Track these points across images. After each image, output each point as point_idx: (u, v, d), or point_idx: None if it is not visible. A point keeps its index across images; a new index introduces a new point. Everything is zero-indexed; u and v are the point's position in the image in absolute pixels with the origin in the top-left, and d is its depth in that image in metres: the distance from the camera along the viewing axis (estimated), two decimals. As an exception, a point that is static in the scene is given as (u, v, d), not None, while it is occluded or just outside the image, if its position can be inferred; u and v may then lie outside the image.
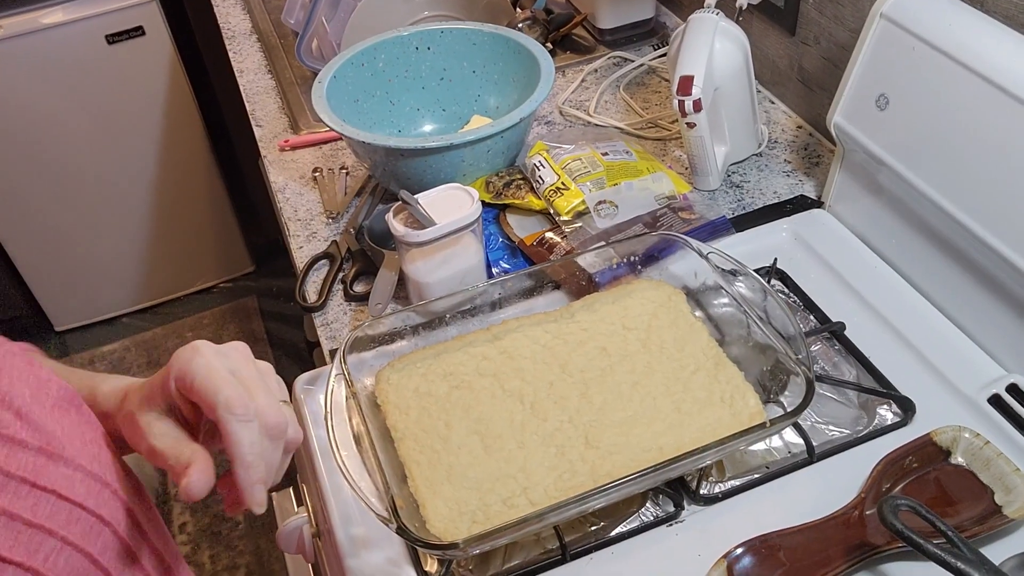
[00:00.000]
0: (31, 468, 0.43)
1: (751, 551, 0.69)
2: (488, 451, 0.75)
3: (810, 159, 1.13)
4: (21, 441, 0.43)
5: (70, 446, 0.46)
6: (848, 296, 0.92)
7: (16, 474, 0.42)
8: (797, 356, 0.76)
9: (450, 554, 0.70)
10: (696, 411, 0.77)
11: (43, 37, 1.94)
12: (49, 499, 0.43)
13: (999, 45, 0.79)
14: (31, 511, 0.42)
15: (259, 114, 1.36)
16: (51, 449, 0.44)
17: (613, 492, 0.69)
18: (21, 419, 0.44)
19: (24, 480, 0.42)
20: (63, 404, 0.48)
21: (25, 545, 0.41)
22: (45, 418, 0.45)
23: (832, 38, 1.08)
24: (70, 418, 0.47)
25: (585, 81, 1.34)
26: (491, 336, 0.85)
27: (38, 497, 0.42)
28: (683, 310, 0.86)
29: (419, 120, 1.20)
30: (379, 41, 1.15)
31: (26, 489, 0.42)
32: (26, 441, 0.43)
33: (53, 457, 0.44)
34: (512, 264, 1.00)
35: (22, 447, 0.43)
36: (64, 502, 0.44)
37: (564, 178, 1.00)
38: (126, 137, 2.16)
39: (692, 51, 0.99)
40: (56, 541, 0.42)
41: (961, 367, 0.83)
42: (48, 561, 0.41)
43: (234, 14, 1.66)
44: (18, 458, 0.42)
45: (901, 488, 0.74)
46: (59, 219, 2.21)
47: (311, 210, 1.14)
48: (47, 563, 0.41)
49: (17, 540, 0.41)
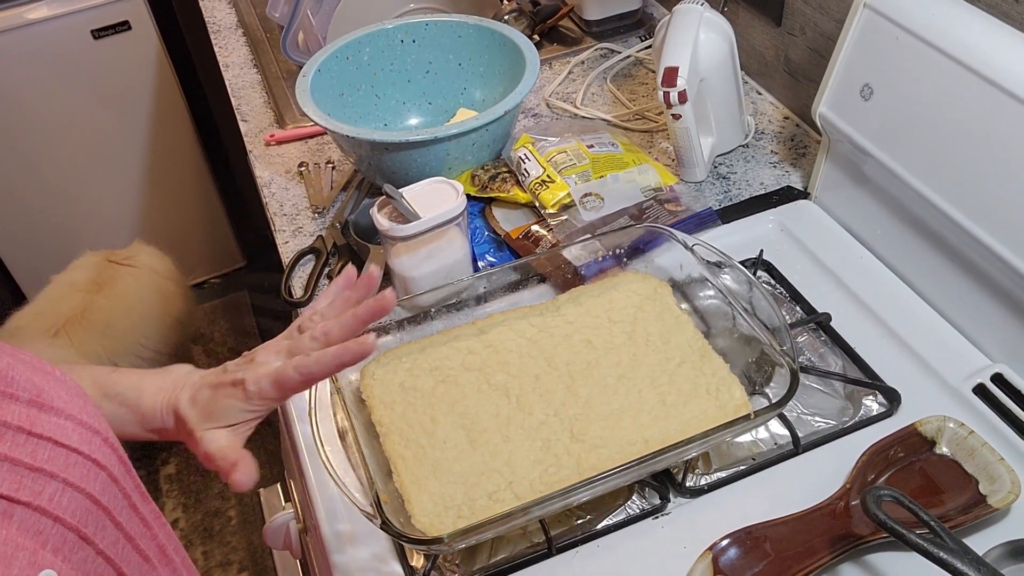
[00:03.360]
0: (26, 418, 0.45)
1: (737, 543, 0.69)
2: (473, 445, 0.75)
3: (797, 150, 1.13)
4: (12, 395, 0.45)
5: (58, 398, 0.48)
6: (834, 287, 0.92)
7: (12, 423, 0.44)
8: (782, 347, 0.76)
9: (435, 549, 0.70)
10: (682, 403, 0.77)
11: (28, 32, 1.92)
12: (46, 445, 0.45)
13: (982, 35, 0.79)
14: (31, 456, 0.44)
15: (245, 109, 1.35)
16: (41, 400, 0.46)
17: (599, 485, 0.69)
18: (10, 374, 0.46)
19: (20, 429, 0.44)
20: (39, 367, 0.50)
21: (30, 487, 0.43)
22: (31, 374, 0.47)
23: (818, 28, 1.08)
24: (50, 377, 0.49)
25: (572, 73, 1.33)
26: (477, 330, 0.85)
27: (36, 444, 0.44)
28: (669, 302, 0.86)
29: (405, 114, 1.20)
30: (364, 34, 1.14)
31: (23, 437, 0.44)
32: (16, 395, 0.45)
33: (44, 408, 0.46)
34: (498, 258, 0.99)
35: (13, 399, 0.45)
36: (61, 448, 0.45)
37: (550, 171, 1.00)
38: (113, 133, 2.15)
39: (677, 42, 0.98)
40: (58, 483, 0.44)
41: (946, 357, 0.83)
42: (53, 501, 0.43)
43: (220, 8, 1.65)
44: (12, 409, 0.45)
45: (886, 478, 0.74)
46: (46, 215, 2.20)
47: (297, 205, 1.14)
48: (52, 502, 0.43)
49: (21, 483, 0.43)
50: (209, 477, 2.08)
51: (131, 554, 0.49)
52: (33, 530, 0.42)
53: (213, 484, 2.06)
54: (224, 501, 2.03)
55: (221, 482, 2.11)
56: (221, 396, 0.61)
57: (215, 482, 2.07)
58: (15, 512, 0.42)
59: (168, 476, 2.08)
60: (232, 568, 1.91)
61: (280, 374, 0.60)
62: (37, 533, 0.42)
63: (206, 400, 0.62)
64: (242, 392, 0.60)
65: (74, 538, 0.44)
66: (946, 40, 0.80)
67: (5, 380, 0.46)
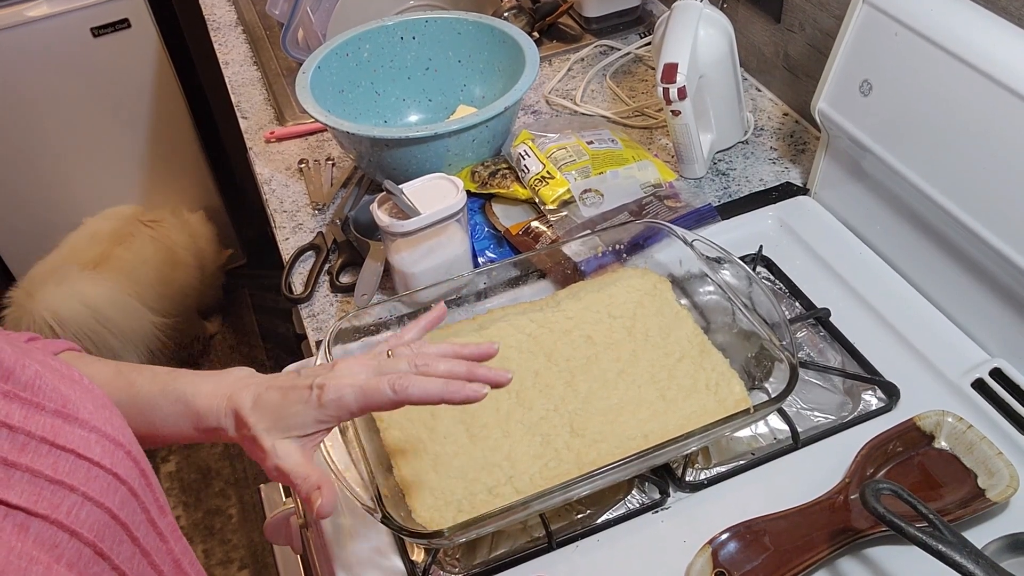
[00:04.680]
0: (50, 429, 0.45)
1: (736, 536, 0.70)
2: (473, 440, 0.75)
3: (796, 146, 1.14)
4: (38, 404, 0.45)
5: (83, 408, 0.48)
6: (833, 282, 0.92)
7: (36, 434, 0.44)
8: (781, 343, 0.76)
9: (436, 543, 0.70)
10: (681, 398, 0.77)
11: (28, 30, 1.92)
12: (68, 457, 0.45)
13: (981, 30, 0.79)
14: (52, 468, 0.44)
15: (245, 106, 1.35)
16: (67, 411, 0.46)
17: (598, 479, 0.69)
18: (36, 385, 0.46)
19: (44, 440, 0.44)
20: (67, 376, 0.50)
21: (49, 500, 0.43)
22: (58, 383, 0.47)
23: (817, 24, 1.08)
24: (77, 387, 0.49)
25: (571, 70, 1.33)
26: (477, 325, 0.85)
27: (58, 456, 0.44)
28: (668, 298, 0.86)
29: (405, 110, 1.20)
30: (364, 31, 1.14)
31: (46, 448, 0.44)
32: (43, 404, 0.46)
33: (69, 419, 0.46)
34: (498, 253, 1.00)
35: (39, 409, 0.45)
36: (83, 460, 0.45)
37: (549, 167, 1.00)
38: (113, 130, 2.15)
39: (676, 39, 0.98)
40: (77, 496, 0.44)
41: (945, 352, 0.83)
42: (71, 514, 0.43)
43: (219, 5, 1.65)
44: (37, 419, 0.45)
45: (885, 473, 0.74)
46: (46, 213, 2.20)
47: (297, 201, 1.14)
48: (70, 516, 0.43)
49: (41, 495, 0.43)
50: (209, 475, 2.08)
51: (146, 569, 0.48)
52: (49, 544, 0.42)
53: (214, 482, 2.07)
54: (224, 499, 2.03)
55: (221, 480, 2.11)
56: (293, 400, 0.59)
57: (215, 480, 2.07)
58: (32, 525, 0.41)
59: (168, 474, 2.09)
60: (233, 566, 1.92)
61: (371, 387, 0.59)
62: (53, 547, 0.42)
63: (275, 404, 0.59)
64: (318, 399, 0.59)
65: (90, 553, 0.44)
66: (945, 36, 0.80)
67: (32, 389, 0.45)
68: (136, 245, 2.03)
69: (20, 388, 0.45)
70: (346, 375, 0.60)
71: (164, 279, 2.06)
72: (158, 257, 2.06)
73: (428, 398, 0.59)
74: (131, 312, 1.95)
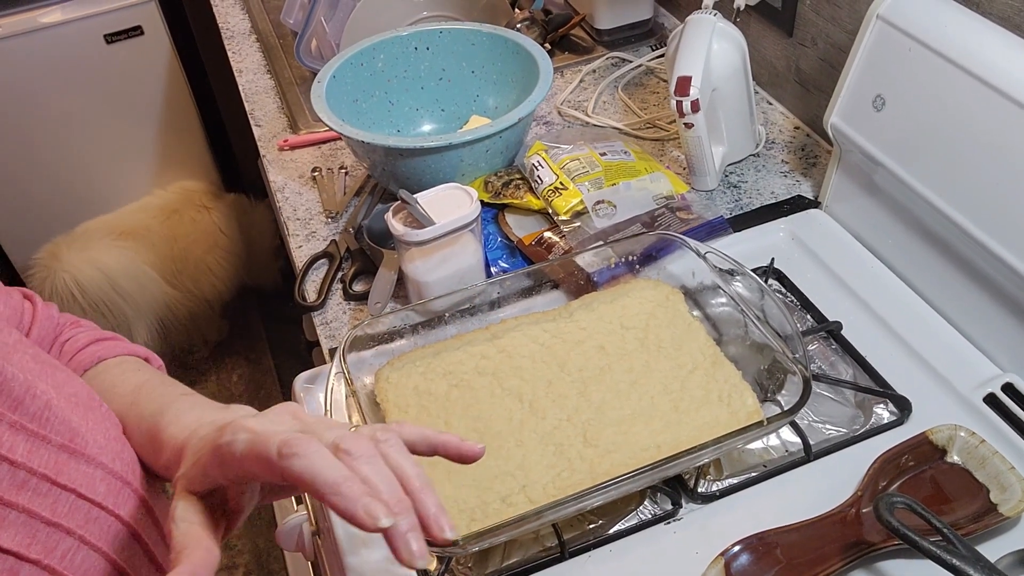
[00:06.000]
0: (53, 465, 0.43)
1: (748, 549, 0.70)
2: (487, 449, 0.75)
3: (807, 160, 1.14)
4: (44, 437, 0.44)
5: (93, 443, 0.46)
6: (845, 296, 0.93)
7: (38, 471, 0.42)
8: (794, 355, 0.76)
9: (449, 551, 0.70)
10: (694, 410, 0.77)
11: (41, 36, 1.94)
12: (69, 498, 0.43)
13: (994, 46, 0.80)
14: (50, 509, 0.42)
15: (258, 114, 1.36)
16: (73, 446, 0.45)
17: (611, 490, 0.69)
18: (44, 416, 0.44)
19: (45, 477, 0.43)
20: (85, 402, 0.48)
21: (43, 543, 0.41)
22: (69, 413, 0.46)
23: (829, 39, 1.09)
24: (93, 415, 0.48)
25: (583, 81, 1.34)
26: (490, 335, 0.85)
27: (58, 495, 0.43)
28: (681, 309, 0.87)
29: (418, 120, 1.21)
30: (378, 41, 1.15)
31: (47, 487, 0.42)
32: (49, 437, 0.44)
33: (75, 454, 0.45)
34: (511, 263, 1.00)
35: (45, 443, 0.43)
36: (83, 501, 0.44)
37: (563, 178, 1.01)
38: (125, 137, 2.16)
39: (690, 52, 0.99)
40: (74, 540, 0.42)
41: (957, 366, 0.84)
42: (64, 560, 0.42)
43: (233, 14, 1.66)
44: (40, 454, 0.43)
45: (897, 486, 0.74)
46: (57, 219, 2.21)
47: (310, 209, 1.14)
48: (63, 561, 0.42)
49: (35, 538, 0.41)
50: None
51: None
52: None
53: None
54: (230, 505, 2.03)
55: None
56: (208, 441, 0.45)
57: (221, 486, 2.07)
58: (22, 571, 0.40)
59: (174, 479, 2.09)
60: (237, 572, 1.92)
61: (263, 439, 0.42)
62: None
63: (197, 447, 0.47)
64: (214, 439, 0.44)
65: None
66: (958, 52, 0.81)
67: (40, 420, 0.43)
68: (175, 220, 2.11)
69: (28, 419, 0.43)
70: (263, 421, 0.45)
71: (192, 257, 2.12)
72: (193, 237, 2.13)
73: (313, 482, 0.42)
74: (146, 282, 2.00)
